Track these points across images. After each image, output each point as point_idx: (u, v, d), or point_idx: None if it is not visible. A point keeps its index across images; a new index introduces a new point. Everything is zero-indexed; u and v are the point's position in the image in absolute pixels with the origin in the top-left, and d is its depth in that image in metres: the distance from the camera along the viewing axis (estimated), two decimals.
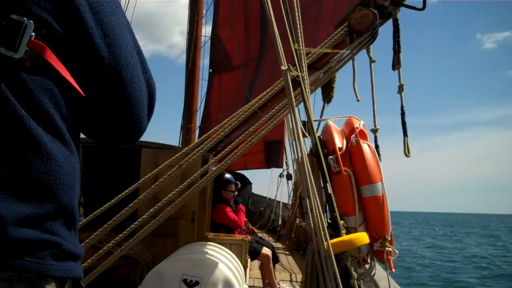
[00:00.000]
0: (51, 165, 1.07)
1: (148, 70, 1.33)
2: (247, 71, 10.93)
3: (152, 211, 3.81)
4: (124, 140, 1.34)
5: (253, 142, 3.72)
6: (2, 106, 1.02)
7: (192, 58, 10.18)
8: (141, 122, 1.30)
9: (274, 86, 3.85)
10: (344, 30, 3.75)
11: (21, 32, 1.03)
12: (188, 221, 5.42)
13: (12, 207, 1.01)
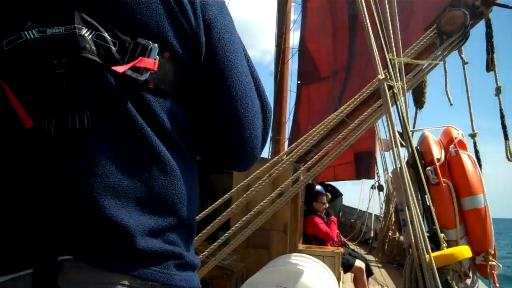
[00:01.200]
0: (173, 180, 1.11)
1: (265, 96, 1.31)
2: (336, 81, 10.85)
3: (245, 219, 3.85)
4: (236, 163, 1.33)
5: (341, 149, 3.67)
6: (131, 125, 1.07)
7: (280, 71, 10.25)
8: (253, 147, 1.27)
9: (362, 92, 3.78)
10: (433, 32, 3.63)
11: (146, 55, 1.09)
12: (280, 233, 5.43)
13: (139, 219, 1.06)
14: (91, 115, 1.05)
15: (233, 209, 3.89)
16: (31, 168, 1.05)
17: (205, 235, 3.64)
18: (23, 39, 1.07)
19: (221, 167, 1.36)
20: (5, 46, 1.08)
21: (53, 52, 1.07)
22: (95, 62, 1.06)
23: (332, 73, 11.00)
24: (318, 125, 4.01)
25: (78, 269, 1.01)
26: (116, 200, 1.05)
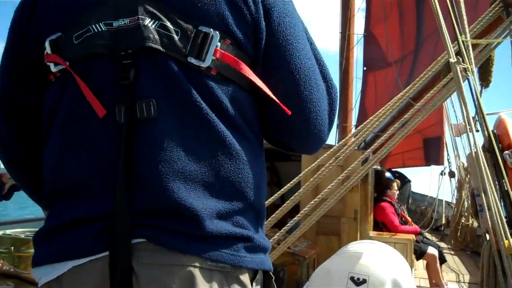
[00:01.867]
0: (239, 164, 1.14)
1: (329, 78, 1.30)
2: (403, 66, 10.62)
3: (313, 203, 3.85)
4: (304, 147, 1.34)
5: (407, 131, 3.59)
6: (195, 111, 1.10)
7: (346, 57, 10.13)
8: (320, 130, 1.27)
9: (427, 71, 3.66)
10: (499, 6, 3.47)
11: (208, 42, 1.12)
12: (351, 220, 5.42)
13: (207, 203, 1.09)
14: (157, 103, 1.09)
15: (301, 193, 3.90)
16: (105, 156, 1.10)
17: (274, 221, 3.69)
18: (91, 33, 1.13)
19: (289, 151, 1.37)
20: (74, 40, 1.14)
21: (120, 43, 1.12)
22: (159, 51, 1.11)
23: (399, 57, 10.77)
24: (383, 107, 3.94)
25: (151, 252, 1.05)
26: (185, 184, 1.08)
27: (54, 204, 1.17)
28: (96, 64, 1.13)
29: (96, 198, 1.09)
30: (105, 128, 1.10)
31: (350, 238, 5.30)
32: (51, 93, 1.19)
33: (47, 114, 1.19)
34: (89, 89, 1.11)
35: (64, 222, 1.10)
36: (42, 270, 1.11)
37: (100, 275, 1.06)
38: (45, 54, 1.17)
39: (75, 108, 1.13)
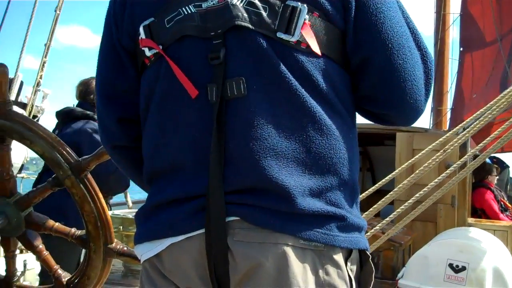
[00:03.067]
0: (331, 140, 1.12)
1: (424, 46, 1.26)
2: (503, 45, 10.06)
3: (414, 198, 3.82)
4: (401, 117, 1.29)
5: None
6: (285, 87, 1.10)
7: (441, 38, 9.78)
8: (416, 99, 1.23)
9: None
10: None
11: (296, 16, 1.11)
12: (448, 206, 5.28)
13: (299, 180, 1.09)
14: (247, 81, 1.10)
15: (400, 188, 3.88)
16: (198, 135, 1.12)
17: (376, 210, 3.68)
18: (182, 15, 1.16)
19: (385, 123, 1.33)
20: (166, 24, 1.17)
21: (209, 24, 1.14)
22: (248, 28, 1.11)
23: (499, 36, 10.22)
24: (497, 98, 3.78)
25: (244, 230, 1.06)
26: (276, 161, 1.08)
27: (153, 185, 1.22)
28: (187, 45, 1.16)
29: (191, 177, 1.12)
30: (197, 108, 1.13)
31: (447, 224, 5.18)
32: (146, 78, 1.23)
33: (144, 98, 1.24)
34: (181, 70, 1.14)
35: (161, 201, 1.15)
36: (143, 247, 1.19)
37: (197, 251, 1.10)
38: (139, 39, 1.21)
39: (169, 90, 1.17)
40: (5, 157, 1.62)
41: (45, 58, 4.63)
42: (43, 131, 1.49)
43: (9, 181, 1.64)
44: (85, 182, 1.51)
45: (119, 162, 1.42)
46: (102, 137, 1.40)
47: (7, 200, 1.65)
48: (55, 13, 4.43)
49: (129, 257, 1.58)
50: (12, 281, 1.81)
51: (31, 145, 1.50)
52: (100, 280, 1.66)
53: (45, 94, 5.17)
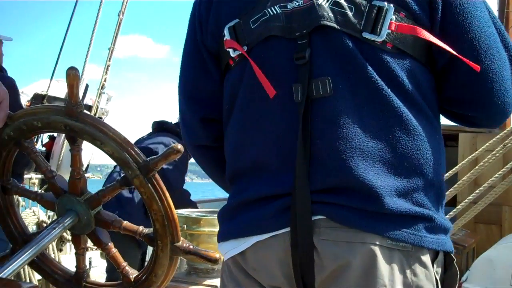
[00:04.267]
0: (417, 140, 1.12)
1: (511, 47, 1.23)
2: None
3: (474, 195, 3.72)
4: (487, 119, 1.26)
5: None
6: (371, 87, 1.12)
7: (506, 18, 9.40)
8: (503, 101, 1.20)
9: None
10: None
11: (382, 16, 1.12)
12: None
13: (385, 180, 1.09)
14: (333, 80, 1.12)
15: (459, 185, 3.78)
16: (283, 134, 1.16)
17: None
18: (267, 16, 1.19)
19: (470, 125, 1.32)
20: (251, 25, 1.20)
21: (295, 24, 1.16)
22: (333, 28, 1.13)
23: None
24: None
25: (331, 229, 1.09)
26: (363, 161, 1.09)
27: (236, 183, 1.26)
28: (272, 46, 1.19)
29: (276, 176, 1.15)
30: (282, 108, 1.16)
31: None
32: (231, 78, 1.27)
33: (227, 99, 1.28)
34: (266, 71, 1.16)
35: (246, 199, 1.19)
36: (228, 245, 1.22)
37: (282, 250, 1.13)
38: (224, 40, 1.25)
39: (253, 90, 1.20)
40: (76, 157, 1.68)
41: (109, 62, 4.78)
42: (113, 132, 1.54)
43: (80, 180, 1.70)
44: (153, 181, 1.55)
45: (200, 161, 1.47)
46: (184, 136, 1.45)
47: (78, 199, 1.71)
48: (118, 17, 4.56)
49: (195, 255, 1.61)
50: (82, 277, 1.87)
51: (102, 146, 1.55)
52: (166, 277, 1.69)
53: (109, 97, 5.36)
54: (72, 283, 1.89)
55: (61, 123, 1.58)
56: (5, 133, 1.72)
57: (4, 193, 1.89)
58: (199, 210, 3.64)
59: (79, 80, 1.55)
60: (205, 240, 3.03)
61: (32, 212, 4.43)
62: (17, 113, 1.72)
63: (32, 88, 4.89)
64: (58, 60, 5.25)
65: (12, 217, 1.95)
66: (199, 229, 3.09)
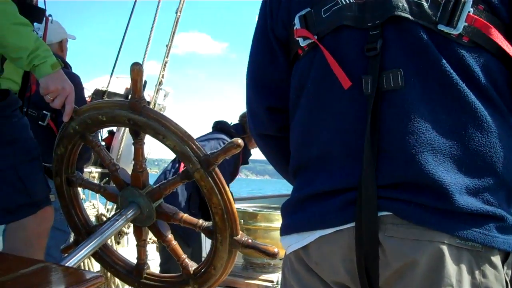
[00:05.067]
0: (491, 138, 1.07)
1: None
2: None
3: None
4: None
5: None
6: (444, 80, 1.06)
7: None
8: None
9: None
10: None
11: (459, 8, 1.07)
12: None
13: (456, 177, 1.04)
14: (405, 73, 1.07)
15: None
16: (351, 127, 1.12)
17: None
18: (340, 5, 1.15)
19: None
20: (323, 14, 1.17)
21: (367, 14, 1.12)
22: (408, 19, 1.09)
23: None
24: None
25: (397, 225, 1.05)
26: (433, 157, 1.05)
27: (300, 176, 1.23)
28: (343, 36, 1.15)
29: (342, 169, 1.12)
30: (351, 99, 1.12)
31: None
32: (299, 68, 1.24)
33: (295, 88, 1.25)
34: (335, 60, 1.13)
35: (310, 193, 1.16)
36: (291, 239, 1.21)
37: (346, 245, 1.09)
38: (294, 29, 1.23)
39: (321, 80, 1.17)
40: (139, 151, 1.72)
41: (167, 58, 4.87)
42: (175, 126, 1.56)
43: (142, 174, 1.74)
44: (213, 175, 1.56)
45: (264, 150, 1.47)
46: (250, 125, 1.45)
47: (140, 191, 1.74)
48: (176, 15, 4.64)
49: (253, 249, 1.62)
50: (143, 268, 1.92)
51: (164, 140, 1.58)
52: (225, 270, 1.71)
53: (166, 93, 5.46)
54: (133, 275, 1.94)
55: (125, 117, 1.62)
56: (71, 127, 1.78)
57: (69, 185, 1.95)
58: (256, 205, 3.66)
59: (142, 75, 1.58)
60: (261, 235, 3.04)
61: (92, 205, 4.57)
62: (82, 108, 1.78)
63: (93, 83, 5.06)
64: (118, 57, 5.38)
65: (76, 209, 2.02)
66: (255, 224, 3.11)
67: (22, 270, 1.32)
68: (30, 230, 1.94)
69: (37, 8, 2.08)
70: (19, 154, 1.91)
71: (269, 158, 1.49)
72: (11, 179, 1.88)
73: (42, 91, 1.80)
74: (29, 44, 1.75)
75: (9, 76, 1.96)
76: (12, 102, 1.95)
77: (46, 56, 1.78)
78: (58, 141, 1.84)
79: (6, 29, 1.72)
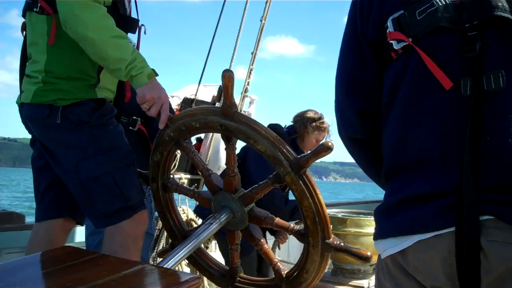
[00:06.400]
0: None
1: None
2: None
3: None
4: None
5: None
6: None
7: None
8: None
9: None
10: None
11: None
12: None
13: None
14: (506, 74, 1.04)
15: None
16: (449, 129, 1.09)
17: None
18: (435, 7, 1.13)
19: None
20: (417, 16, 1.15)
21: (464, 15, 1.10)
22: (508, 19, 1.06)
23: None
24: None
25: (500, 229, 1.01)
26: None
27: (395, 180, 1.21)
28: (439, 37, 1.13)
29: (440, 172, 1.09)
30: (449, 101, 1.10)
31: None
32: (393, 70, 1.23)
33: (388, 91, 1.24)
34: (433, 62, 1.12)
35: (407, 196, 1.14)
36: (386, 243, 1.18)
37: (446, 250, 1.06)
38: (387, 32, 1.21)
39: (418, 82, 1.15)
40: (231, 155, 1.76)
41: (252, 66, 4.93)
42: (265, 130, 1.58)
43: (234, 178, 1.78)
44: (304, 178, 1.57)
45: (354, 154, 1.46)
46: (340, 128, 1.45)
47: (232, 196, 1.78)
48: (261, 22, 4.70)
49: (346, 252, 1.60)
50: (236, 272, 1.95)
51: (255, 144, 1.61)
52: (317, 274, 1.71)
53: (252, 100, 5.53)
54: (226, 278, 1.99)
55: (217, 123, 1.67)
56: (166, 134, 1.86)
57: (165, 191, 2.04)
58: (345, 211, 3.62)
59: (233, 81, 1.62)
60: (351, 240, 3.00)
61: (181, 210, 4.70)
62: (176, 115, 1.85)
63: (183, 92, 5.19)
64: (205, 66, 5.51)
65: (172, 213, 2.10)
66: (345, 229, 3.06)
67: (124, 271, 1.39)
68: (127, 233, 2.03)
69: (131, 18, 2.17)
70: (116, 160, 2.00)
71: (359, 162, 1.48)
72: (109, 184, 1.98)
73: (139, 100, 1.89)
74: (127, 56, 1.84)
75: (105, 85, 2.07)
76: (108, 111, 2.05)
77: (143, 66, 1.87)
78: (154, 148, 1.93)
79: (107, 43, 1.82)
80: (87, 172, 1.97)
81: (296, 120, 3.64)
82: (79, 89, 1.98)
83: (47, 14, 1.95)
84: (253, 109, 5.63)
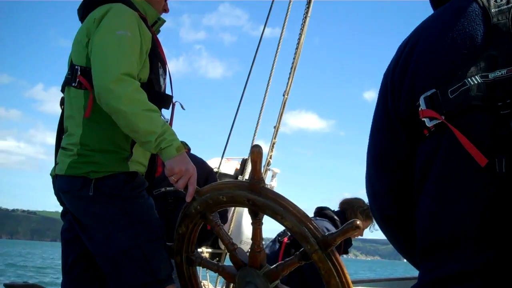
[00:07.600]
0: None
1: None
2: None
3: None
4: None
5: None
6: None
7: None
8: None
9: None
10: None
11: None
12: None
13: None
14: None
15: None
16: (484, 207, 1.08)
17: None
18: (468, 86, 1.14)
19: None
20: (450, 95, 1.17)
21: (497, 94, 1.11)
22: None
23: None
24: None
25: None
26: None
27: (430, 258, 1.19)
28: (472, 116, 1.14)
29: (476, 251, 1.09)
30: (484, 179, 1.10)
31: None
32: (425, 148, 1.23)
33: (420, 168, 1.24)
34: (467, 139, 1.12)
35: (444, 276, 1.13)
36: None
37: None
38: (419, 110, 1.23)
39: (451, 160, 1.16)
40: (257, 231, 1.75)
41: (275, 140, 5.00)
42: (293, 207, 1.59)
43: (260, 254, 1.76)
44: (331, 257, 1.55)
45: (386, 231, 1.44)
46: (372, 205, 1.44)
47: (257, 272, 1.76)
48: (283, 97, 4.81)
49: None
50: None
51: (282, 220, 1.60)
52: None
53: (274, 173, 5.57)
54: None
55: (245, 197, 1.67)
56: (193, 207, 1.87)
57: (189, 264, 2.02)
58: None
59: (262, 157, 1.64)
60: None
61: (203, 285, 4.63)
62: (204, 188, 1.87)
63: None
64: (228, 141, 5.62)
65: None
66: None
67: None
68: None
69: (165, 95, 2.25)
70: (145, 233, 2.00)
71: (390, 239, 1.45)
72: (137, 257, 1.97)
73: (167, 173, 1.91)
74: (157, 129, 1.89)
75: (137, 159, 2.11)
76: (140, 184, 2.08)
77: (172, 139, 1.91)
78: (180, 221, 1.93)
79: (138, 115, 1.87)
80: (117, 245, 1.97)
81: (345, 207, 3.68)
82: (112, 162, 2.02)
83: (85, 89, 2.02)
84: (275, 182, 5.66)
